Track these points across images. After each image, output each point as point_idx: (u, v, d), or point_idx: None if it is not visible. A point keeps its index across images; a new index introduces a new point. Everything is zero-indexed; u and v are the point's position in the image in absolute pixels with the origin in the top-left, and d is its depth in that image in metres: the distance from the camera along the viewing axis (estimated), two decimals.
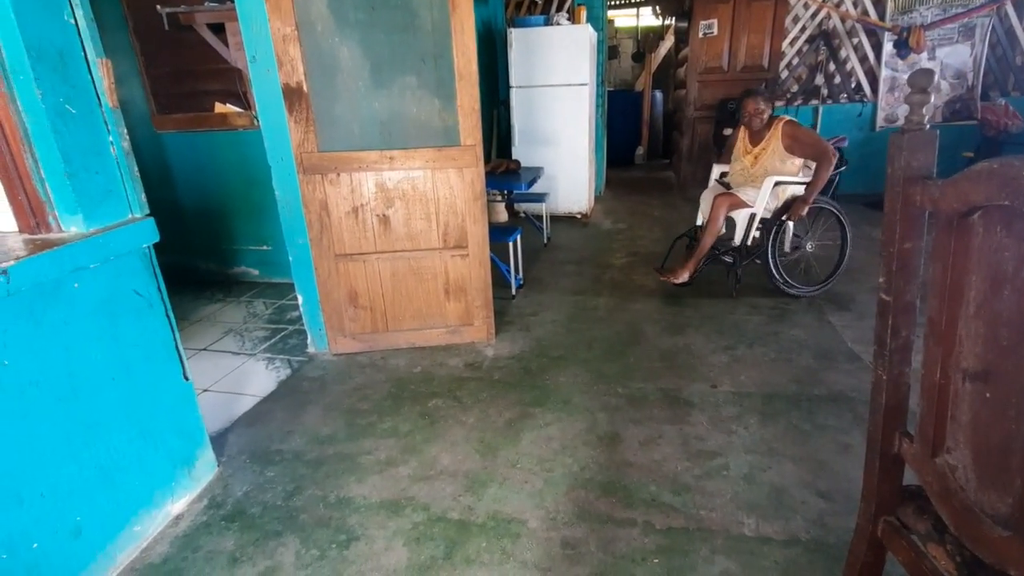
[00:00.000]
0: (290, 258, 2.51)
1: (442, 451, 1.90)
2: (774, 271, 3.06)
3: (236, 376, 2.51)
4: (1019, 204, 0.66)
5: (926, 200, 0.83)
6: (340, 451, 1.93)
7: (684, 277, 3.11)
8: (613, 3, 8.48)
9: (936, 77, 5.37)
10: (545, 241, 4.48)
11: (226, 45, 3.36)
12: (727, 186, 3.30)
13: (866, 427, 1.02)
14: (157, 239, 1.58)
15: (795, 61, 5.58)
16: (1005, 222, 0.71)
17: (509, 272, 3.29)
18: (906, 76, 5.35)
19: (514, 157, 4.93)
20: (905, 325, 0.92)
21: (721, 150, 5.44)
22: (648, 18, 9.26)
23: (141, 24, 3.34)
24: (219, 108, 3.41)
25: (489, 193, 4.21)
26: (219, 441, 2.00)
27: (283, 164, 2.36)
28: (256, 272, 3.74)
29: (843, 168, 3.07)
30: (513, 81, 4.92)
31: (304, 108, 2.25)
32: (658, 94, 8.41)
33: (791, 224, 3.12)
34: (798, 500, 1.61)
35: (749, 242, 3.11)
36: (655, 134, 8.62)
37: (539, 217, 4.65)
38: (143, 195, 1.58)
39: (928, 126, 0.84)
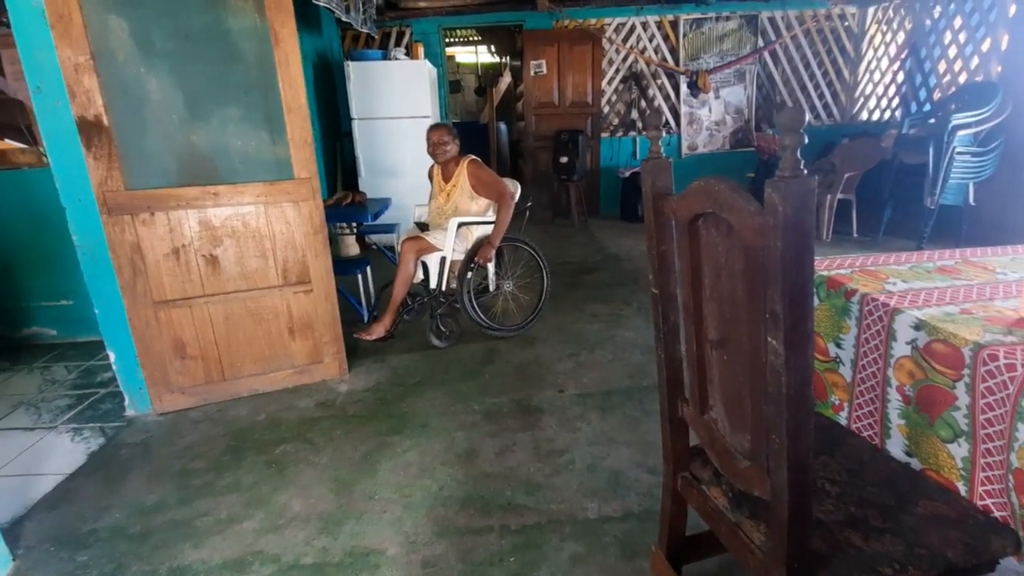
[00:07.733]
0: (96, 311, 2.21)
1: (293, 497, 1.80)
2: (472, 314, 2.93)
3: (31, 455, 2.12)
4: (719, 211, 0.87)
5: (670, 211, 1.04)
6: (171, 518, 1.73)
7: (380, 332, 2.82)
8: (451, 40, 8.89)
9: (723, 112, 6.48)
10: None
11: (1, 74, 2.92)
12: (426, 227, 3.14)
13: None
14: None
15: (614, 98, 6.34)
16: (715, 224, 0.92)
17: (360, 305, 3.24)
18: (698, 112, 6.43)
19: (361, 189, 4.88)
20: (672, 311, 1.12)
21: (561, 175, 6.00)
22: (487, 55, 9.85)
23: None
24: None
25: (337, 226, 4.13)
26: (14, 532, 1.68)
27: (81, 205, 2.10)
28: (54, 332, 3.19)
29: (528, 204, 3.12)
30: (354, 113, 4.90)
31: (105, 143, 2.04)
32: (502, 125, 8.93)
33: (490, 265, 3.02)
34: (632, 479, 1.81)
35: (444, 287, 2.94)
36: (502, 162, 9.12)
37: (391, 248, 4.63)
38: None
39: (665, 156, 1.06)
